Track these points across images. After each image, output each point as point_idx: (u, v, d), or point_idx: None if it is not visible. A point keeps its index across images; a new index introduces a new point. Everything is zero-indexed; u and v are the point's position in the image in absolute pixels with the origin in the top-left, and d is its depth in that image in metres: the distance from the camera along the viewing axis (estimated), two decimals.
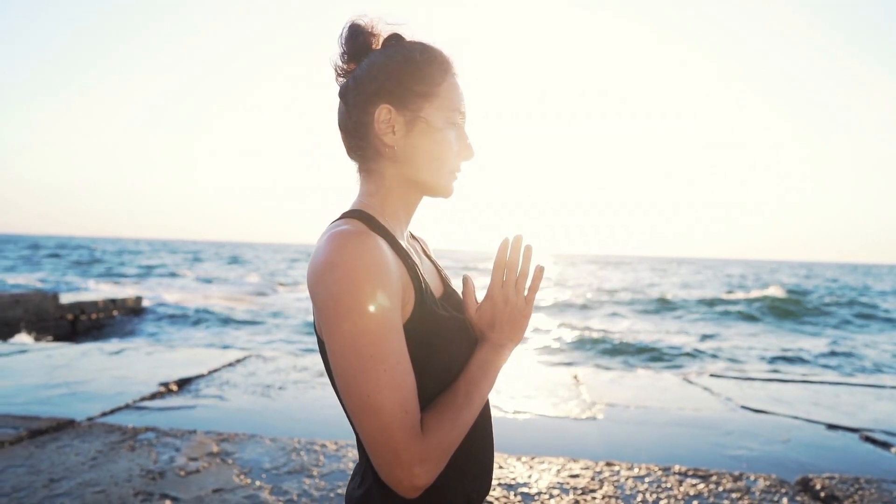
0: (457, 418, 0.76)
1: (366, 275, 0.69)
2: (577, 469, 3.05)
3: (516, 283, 0.86)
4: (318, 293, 0.71)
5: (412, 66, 0.82)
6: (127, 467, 2.95)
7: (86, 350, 6.68)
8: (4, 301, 10.95)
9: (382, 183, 0.86)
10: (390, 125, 0.82)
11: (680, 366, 11.60)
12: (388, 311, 0.70)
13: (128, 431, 3.53)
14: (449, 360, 0.82)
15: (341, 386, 0.71)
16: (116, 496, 2.61)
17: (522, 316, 0.87)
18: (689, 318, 21.52)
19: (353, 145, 0.86)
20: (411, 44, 0.85)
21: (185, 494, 2.65)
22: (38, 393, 4.70)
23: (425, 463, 0.70)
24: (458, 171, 0.88)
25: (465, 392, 0.79)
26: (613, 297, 28.61)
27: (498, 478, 2.91)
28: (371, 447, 0.70)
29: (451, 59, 0.86)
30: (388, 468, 0.70)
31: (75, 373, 5.43)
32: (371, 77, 0.82)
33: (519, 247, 0.86)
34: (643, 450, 3.62)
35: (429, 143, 0.83)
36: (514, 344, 0.88)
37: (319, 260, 0.71)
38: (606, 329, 17.64)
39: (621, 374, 6.24)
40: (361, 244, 0.71)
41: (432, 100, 0.82)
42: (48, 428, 3.54)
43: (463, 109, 0.86)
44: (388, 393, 0.69)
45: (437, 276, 0.96)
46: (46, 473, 2.85)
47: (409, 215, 0.90)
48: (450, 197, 0.89)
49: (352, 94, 0.84)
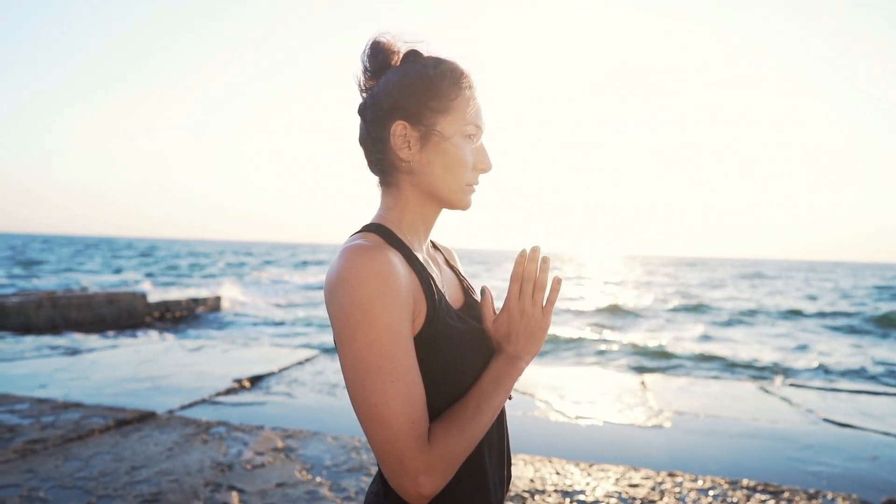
0: (465, 429, 0.76)
1: (374, 289, 0.71)
2: (638, 478, 2.96)
3: (533, 295, 0.86)
4: (331, 307, 0.74)
5: (426, 82, 0.83)
6: (199, 459, 3.13)
7: (169, 346, 7.13)
8: (100, 299, 11.87)
9: (400, 196, 0.88)
10: (406, 140, 0.84)
11: (759, 376, 10.99)
12: (396, 324, 0.73)
13: (202, 425, 3.74)
14: (462, 371, 0.82)
15: (351, 395, 0.74)
16: (188, 485, 2.78)
17: (539, 328, 0.87)
18: (775, 326, 20.26)
19: (372, 160, 0.89)
20: (427, 59, 0.86)
21: (250, 487, 2.78)
22: (126, 385, 5.06)
23: (431, 472, 0.72)
24: (474, 183, 0.89)
25: (476, 404, 0.80)
26: (690, 302, 27.40)
27: (554, 484, 2.87)
28: (379, 456, 0.72)
29: (468, 72, 0.87)
30: (394, 476, 0.72)
31: (158, 368, 5.81)
32: (386, 94, 0.84)
33: (536, 258, 0.86)
34: (711, 461, 3.46)
35: (443, 157, 0.84)
36: (531, 356, 0.87)
37: (332, 275, 0.75)
38: (679, 335, 16.96)
39: (692, 382, 5.99)
40: (371, 259, 0.73)
41: (446, 114, 0.84)
42: (132, 419, 3.81)
43: (479, 122, 0.87)
44: (395, 404, 0.71)
45: (458, 287, 0.97)
46: (129, 461, 3.07)
47: (428, 227, 0.92)
48: (467, 209, 0.90)
49: (369, 111, 0.87)
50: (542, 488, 2.82)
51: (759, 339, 16.37)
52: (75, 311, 11.15)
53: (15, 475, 2.85)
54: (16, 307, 10.08)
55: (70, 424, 3.64)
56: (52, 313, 10.74)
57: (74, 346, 7.11)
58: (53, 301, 10.86)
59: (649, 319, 20.41)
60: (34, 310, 10.41)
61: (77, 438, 3.41)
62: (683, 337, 16.27)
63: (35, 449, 3.22)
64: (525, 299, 0.86)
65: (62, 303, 10.99)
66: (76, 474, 2.88)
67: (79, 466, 2.98)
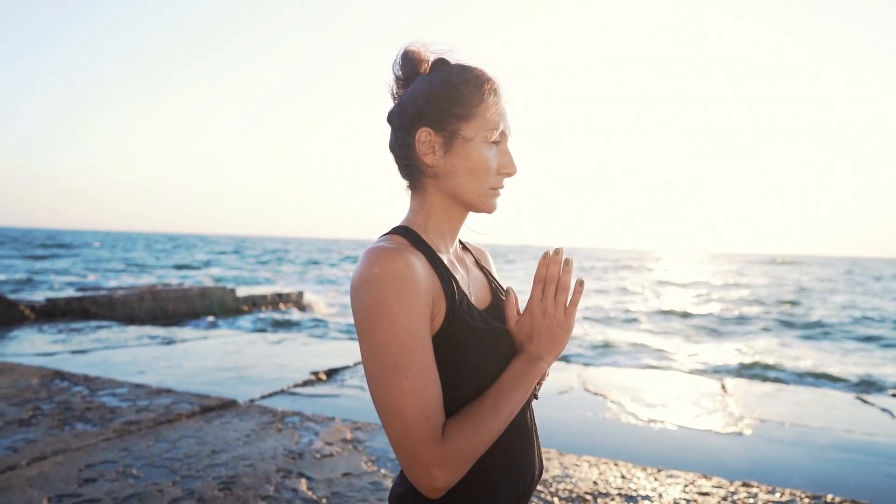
0: (480, 426, 0.78)
1: (392, 289, 0.75)
2: (708, 487, 2.82)
3: (556, 296, 0.87)
4: (353, 305, 0.79)
5: (449, 89, 0.86)
6: (273, 446, 3.30)
7: (253, 339, 7.54)
8: (195, 293, 12.75)
9: (426, 199, 0.91)
10: (430, 146, 0.87)
11: (858, 386, 10.08)
12: (413, 323, 0.76)
13: (278, 414, 3.94)
14: (481, 370, 0.84)
15: (371, 390, 0.78)
16: (262, 470, 2.94)
17: (561, 329, 0.87)
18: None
19: (400, 166, 0.93)
20: (452, 67, 0.89)
21: (319, 475, 2.90)
22: (213, 375, 5.41)
23: (443, 466, 0.74)
24: (499, 186, 0.91)
25: (493, 402, 0.81)
26: (784, 305, 25.68)
27: (619, 487, 2.80)
28: (395, 449, 0.76)
29: (494, 78, 0.89)
30: (409, 469, 0.75)
31: (243, 359, 6.17)
32: (412, 102, 0.88)
33: (559, 260, 0.86)
34: (794, 474, 3.25)
35: (466, 162, 0.87)
36: (553, 357, 0.88)
37: (355, 275, 0.79)
38: (768, 340, 15.92)
39: (778, 388, 5.63)
40: (390, 260, 0.77)
41: (469, 120, 0.86)
42: (216, 406, 4.08)
43: (502, 127, 0.89)
44: (410, 399, 0.74)
45: (486, 288, 0.99)
46: (210, 445, 3.29)
47: (455, 230, 0.94)
48: (492, 212, 0.92)
49: (396, 119, 0.91)
50: (605, 491, 2.76)
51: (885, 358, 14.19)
52: (172, 303, 12.03)
53: (113, 452, 3.13)
54: (122, 299, 11.01)
55: (161, 409, 3.95)
56: (153, 305, 11.64)
57: (170, 336, 7.68)
58: (154, 294, 11.77)
59: (749, 325, 18.65)
60: (137, 302, 11.32)
61: (167, 422, 3.70)
62: (787, 352, 15.05)
63: (131, 430, 3.51)
64: (548, 301, 0.86)
65: (161, 296, 11.89)
66: (164, 454, 3.12)
67: (167, 447, 3.23)
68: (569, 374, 5.69)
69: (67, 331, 8.13)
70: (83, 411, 3.87)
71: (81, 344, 7.03)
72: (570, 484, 2.84)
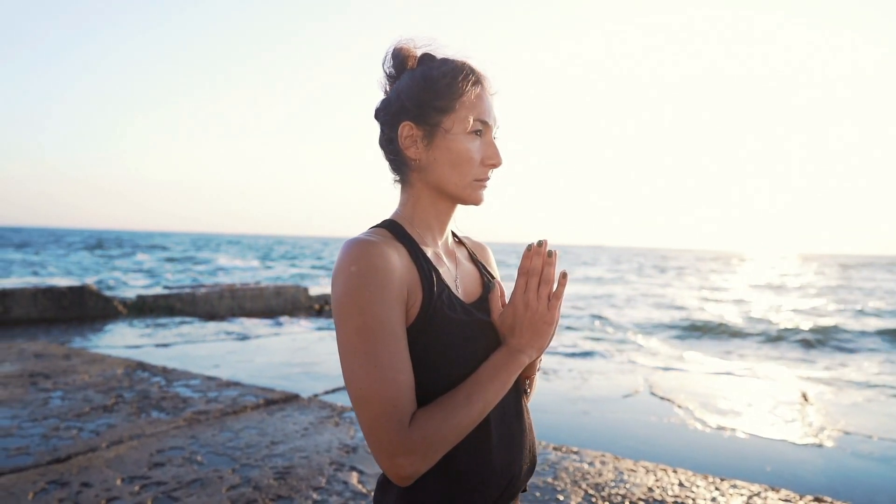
0: (450, 416, 0.77)
1: (364, 280, 0.76)
2: (775, 499, 2.63)
3: (539, 288, 0.84)
4: (331, 295, 0.80)
5: (429, 82, 0.86)
6: (328, 440, 3.38)
7: (321, 336, 7.79)
8: (270, 292, 13.32)
9: (412, 193, 0.91)
10: (413, 140, 0.87)
11: None
12: (384, 312, 0.76)
13: (336, 409, 4.04)
14: (458, 362, 0.83)
15: (344, 378, 0.79)
16: (316, 462, 3.02)
17: (544, 322, 0.84)
18: None
19: (388, 160, 0.94)
20: (435, 61, 0.89)
21: (369, 469, 2.95)
22: (281, 370, 5.63)
23: (409, 454, 0.73)
24: (484, 178, 0.90)
25: (467, 393, 0.79)
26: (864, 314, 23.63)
27: (675, 495, 2.66)
28: (365, 436, 0.76)
29: (477, 69, 0.89)
30: (376, 456, 0.75)
31: (310, 355, 6.38)
32: (396, 97, 0.89)
33: (542, 252, 0.84)
34: (878, 492, 2.98)
35: (448, 154, 0.86)
36: (535, 350, 0.85)
37: (335, 266, 0.81)
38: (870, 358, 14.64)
39: (869, 398, 5.20)
40: (364, 252, 0.78)
41: (450, 112, 0.86)
42: (279, 399, 4.23)
43: (485, 118, 0.88)
44: (379, 387, 0.74)
45: (477, 281, 0.98)
46: (270, 436, 3.42)
47: (442, 222, 0.94)
48: (479, 204, 0.91)
49: (382, 115, 0.92)
50: (660, 498, 2.63)
51: None
52: (249, 301, 12.62)
53: (182, 439, 3.32)
54: (203, 297, 11.67)
55: (228, 400, 4.14)
56: (232, 303, 12.25)
57: (245, 332, 8.07)
58: (232, 292, 12.39)
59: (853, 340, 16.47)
60: (217, 300, 11.97)
61: (232, 413, 3.87)
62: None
63: (199, 419, 3.71)
64: (530, 293, 0.84)
65: (239, 294, 12.50)
66: (227, 444, 3.27)
67: (230, 437, 3.38)
68: (635, 378, 5.50)
69: (154, 325, 8.72)
70: (159, 400, 4.13)
71: (165, 338, 7.51)
72: (623, 489, 2.73)
